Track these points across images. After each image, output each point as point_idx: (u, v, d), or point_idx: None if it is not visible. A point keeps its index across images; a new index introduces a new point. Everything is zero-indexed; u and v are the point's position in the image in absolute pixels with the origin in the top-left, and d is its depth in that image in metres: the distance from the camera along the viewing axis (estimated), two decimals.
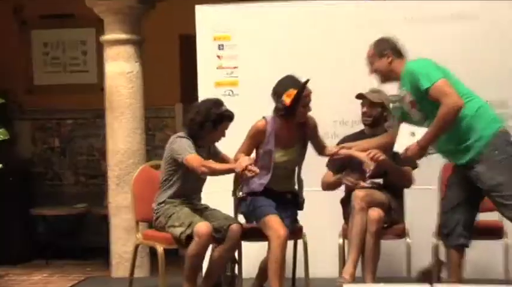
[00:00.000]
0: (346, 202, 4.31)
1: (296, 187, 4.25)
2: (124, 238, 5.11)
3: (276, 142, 4.06)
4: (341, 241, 4.21)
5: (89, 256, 6.10)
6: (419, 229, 4.36)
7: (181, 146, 4.08)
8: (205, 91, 5.05)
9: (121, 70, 5.22)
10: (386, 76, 3.83)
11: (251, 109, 4.36)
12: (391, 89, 4.50)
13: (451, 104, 3.52)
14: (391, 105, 4.57)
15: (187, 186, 4.19)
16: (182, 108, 6.42)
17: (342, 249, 4.19)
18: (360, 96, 4.38)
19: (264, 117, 4.07)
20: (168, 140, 4.27)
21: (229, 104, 4.96)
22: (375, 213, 4.08)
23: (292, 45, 5.00)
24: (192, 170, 4.01)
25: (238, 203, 4.27)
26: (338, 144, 4.42)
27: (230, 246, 4.09)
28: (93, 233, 6.31)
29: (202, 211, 4.20)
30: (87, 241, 6.33)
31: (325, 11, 4.97)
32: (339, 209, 4.39)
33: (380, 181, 4.27)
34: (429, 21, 4.80)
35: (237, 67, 5.07)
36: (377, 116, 4.35)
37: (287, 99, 3.94)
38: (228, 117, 4.14)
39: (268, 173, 4.06)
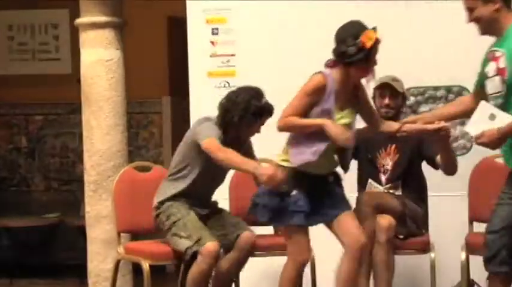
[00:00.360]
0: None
1: None
2: (103, 253, 5.10)
3: (336, 101, 3.81)
4: None
5: (62, 275, 6.12)
6: (445, 242, 4.40)
7: (206, 128, 4.10)
8: (197, 82, 5.09)
9: (99, 58, 5.21)
10: (488, 26, 3.62)
11: None
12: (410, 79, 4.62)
13: None
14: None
15: (200, 184, 4.19)
16: (170, 102, 6.44)
17: None
18: (384, 85, 4.37)
19: (320, 72, 3.83)
20: (151, 139, 4.31)
21: None
22: (385, 221, 4.10)
23: (298, 30, 5.02)
24: (210, 162, 4.02)
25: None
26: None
27: (240, 257, 4.14)
28: (66, 248, 6.35)
29: (208, 218, 4.22)
30: (60, 257, 6.36)
31: None
32: None
33: (399, 192, 4.31)
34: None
35: (234, 55, 5.09)
36: (398, 108, 4.39)
37: (368, 40, 3.75)
38: (269, 111, 4.13)
39: (324, 141, 3.73)
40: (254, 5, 5.08)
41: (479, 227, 4.54)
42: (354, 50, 3.73)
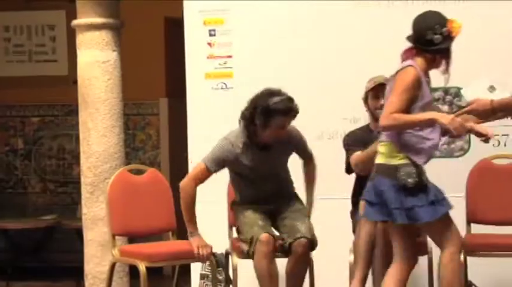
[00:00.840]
0: (354, 213, 4.35)
1: None
2: (99, 256, 5.09)
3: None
4: (352, 257, 4.24)
5: (58, 277, 6.10)
6: None
7: (211, 151, 4.25)
8: (194, 84, 5.08)
9: (96, 59, 5.20)
10: None
11: None
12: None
13: None
14: None
15: (254, 191, 4.28)
16: (168, 104, 6.43)
17: (352, 267, 4.23)
18: (379, 86, 4.33)
19: (410, 65, 3.68)
20: (149, 141, 4.32)
21: (222, 99, 5.07)
22: (384, 224, 4.04)
23: (295, 31, 5.01)
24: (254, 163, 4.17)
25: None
26: (345, 143, 4.45)
27: (296, 263, 4.15)
28: (63, 250, 6.31)
29: (276, 216, 4.25)
30: (56, 259, 6.33)
31: None
32: (350, 221, 4.43)
33: None
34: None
35: (231, 56, 5.08)
36: None
37: (455, 29, 3.65)
38: (278, 111, 4.06)
39: (434, 133, 3.63)
40: (252, 6, 5.07)
41: (477, 229, 4.55)
42: (440, 38, 3.66)
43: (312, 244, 4.15)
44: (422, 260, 4.25)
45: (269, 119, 4.09)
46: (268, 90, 4.17)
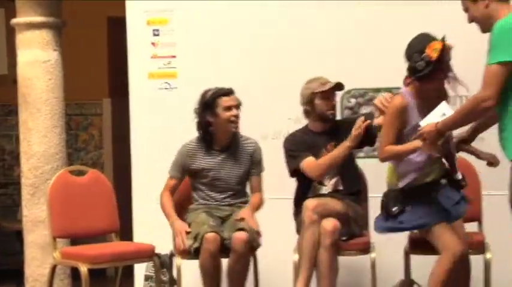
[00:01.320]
0: (297, 214, 4.33)
1: None
2: (40, 258, 5.03)
3: (420, 114, 3.82)
4: (296, 256, 4.23)
5: None
6: (386, 242, 4.40)
7: (173, 160, 4.43)
8: (137, 84, 5.05)
9: (36, 59, 5.15)
10: (484, 24, 3.48)
11: (193, 104, 4.38)
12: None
13: (480, 98, 3.31)
14: None
15: (208, 182, 4.38)
16: (111, 104, 6.38)
17: (296, 266, 4.22)
18: (340, 86, 4.37)
19: (397, 94, 3.89)
20: (91, 141, 4.30)
21: (166, 99, 5.06)
22: (330, 224, 4.11)
23: (241, 31, 5.00)
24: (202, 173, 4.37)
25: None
26: (287, 148, 4.41)
27: (236, 258, 4.16)
28: (3, 253, 6.23)
29: (227, 217, 4.30)
30: None
31: None
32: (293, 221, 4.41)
33: (340, 187, 4.33)
34: (396, 5, 4.88)
35: (175, 56, 5.06)
36: None
37: (433, 52, 3.73)
38: (218, 93, 4.31)
39: (420, 155, 3.78)
40: (196, 7, 5.06)
41: None
42: (422, 64, 3.75)
43: (253, 240, 4.18)
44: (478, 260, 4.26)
45: (214, 107, 4.30)
46: (206, 89, 4.40)
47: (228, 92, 4.33)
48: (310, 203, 4.17)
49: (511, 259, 4.50)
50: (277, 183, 4.50)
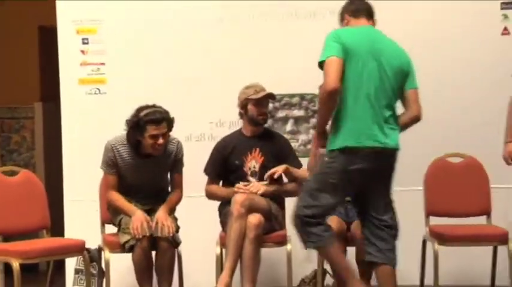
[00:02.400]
0: (223, 208, 4.42)
1: None
2: None
3: None
4: (218, 249, 4.30)
5: None
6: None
7: (103, 156, 4.30)
8: (68, 89, 5.03)
9: None
10: None
11: (121, 108, 4.39)
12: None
13: (324, 86, 3.54)
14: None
15: (127, 182, 4.29)
16: (42, 108, 6.33)
17: (219, 258, 4.28)
18: (272, 96, 4.48)
19: None
20: (24, 143, 4.25)
21: (96, 103, 5.03)
22: (255, 218, 4.19)
23: (166, 39, 5.05)
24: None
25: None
26: (216, 147, 4.53)
27: (160, 255, 4.19)
28: None
29: (149, 213, 4.23)
30: None
31: (205, 2, 5.04)
32: (216, 215, 4.49)
33: (266, 182, 4.40)
34: (309, 18, 5.03)
35: (104, 63, 5.07)
36: None
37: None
38: (152, 119, 4.13)
39: None
40: (124, 16, 5.08)
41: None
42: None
43: (172, 241, 4.20)
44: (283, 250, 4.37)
45: (142, 130, 4.15)
46: (139, 107, 4.22)
47: (158, 121, 4.14)
48: (239, 198, 4.23)
49: None
50: (199, 181, 4.51)
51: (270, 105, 4.83)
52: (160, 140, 4.18)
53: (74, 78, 5.05)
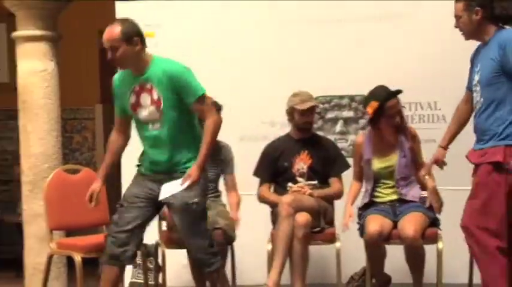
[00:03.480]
0: (274, 207, 4.41)
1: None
2: (38, 248, 5.04)
3: (373, 151, 4.30)
4: (270, 247, 4.29)
5: (0, 268, 5.98)
6: (350, 233, 4.48)
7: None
8: None
9: (34, 68, 5.15)
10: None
11: None
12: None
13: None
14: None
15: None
16: (102, 109, 6.40)
17: (270, 255, 4.27)
18: (315, 107, 4.50)
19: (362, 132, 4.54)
20: (85, 143, 4.30)
21: None
22: (302, 218, 4.19)
23: (221, 43, 5.07)
24: None
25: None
26: (265, 149, 4.52)
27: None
28: (4, 243, 6.20)
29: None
30: None
31: (258, 7, 5.06)
32: (269, 213, 4.48)
33: (315, 182, 4.40)
34: (358, 22, 4.97)
35: None
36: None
37: (368, 109, 4.22)
38: None
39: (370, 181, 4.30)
40: (179, 21, 5.11)
41: None
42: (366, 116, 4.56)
43: (229, 237, 4.22)
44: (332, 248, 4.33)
45: None
46: None
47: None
48: (286, 199, 4.24)
49: None
50: (253, 180, 4.52)
51: (320, 105, 4.81)
52: None
53: None
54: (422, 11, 4.90)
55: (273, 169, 4.47)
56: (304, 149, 4.45)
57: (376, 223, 4.09)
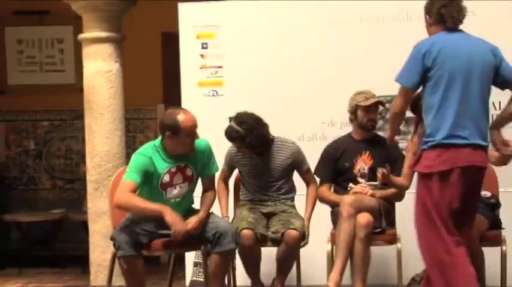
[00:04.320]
0: (335, 207, 4.35)
1: None
2: (103, 245, 5.09)
3: None
4: (329, 247, 4.24)
5: (66, 264, 6.08)
6: (411, 234, 4.38)
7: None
8: (188, 91, 5.09)
9: (99, 69, 5.22)
10: None
11: (237, 109, 4.39)
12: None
13: None
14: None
15: (250, 188, 4.40)
16: (165, 109, 6.42)
17: (330, 255, 4.22)
18: (381, 103, 4.42)
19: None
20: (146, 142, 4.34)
21: (213, 105, 5.07)
22: (364, 218, 4.12)
23: (280, 43, 5.03)
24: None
25: None
26: (326, 149, 4.46)
27: (286, 249, 4.19)
28: (70, 241, 6.29)
29: (271, 215, 4.30)
30: (64, 249, 6.31)
31: (317, 7, 5.00)
32: (329, 213, 4.43)
33: (376, 183, 4.31)
34: (416, 21, 4.84)
35: (221, 67, 5.09)
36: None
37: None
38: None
39: None
40: (240, 22, 5.10)
41: None
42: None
43: (303, 237, 4.20)
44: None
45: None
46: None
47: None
48: (348, 199, 4.19)
49: None
50: None
51: (380, 107, 4.70)
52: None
53: (193, 81, 5.11)
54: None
55: (334, 169, 4.41)
56: (365, 150, 4.38)
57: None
